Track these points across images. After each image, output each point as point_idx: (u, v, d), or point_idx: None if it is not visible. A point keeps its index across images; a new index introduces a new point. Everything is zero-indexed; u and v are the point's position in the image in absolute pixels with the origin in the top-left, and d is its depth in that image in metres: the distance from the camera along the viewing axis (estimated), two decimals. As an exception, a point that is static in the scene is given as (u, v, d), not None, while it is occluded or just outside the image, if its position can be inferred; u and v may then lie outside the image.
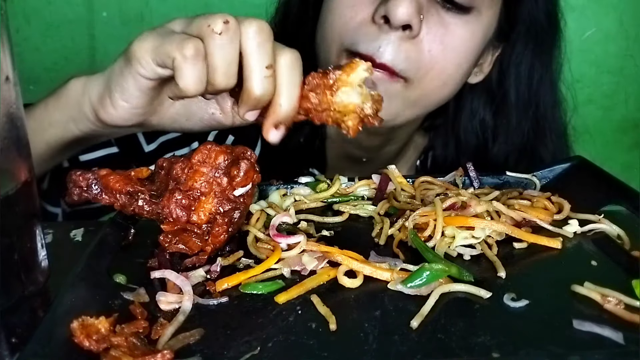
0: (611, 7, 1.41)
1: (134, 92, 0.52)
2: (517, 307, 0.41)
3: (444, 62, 0.68)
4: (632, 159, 1.52)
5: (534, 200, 0.56)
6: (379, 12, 0.65)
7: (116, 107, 0.54)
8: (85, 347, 0.35)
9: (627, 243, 0.50)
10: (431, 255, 0.46)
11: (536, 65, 0.78)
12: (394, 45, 0.65)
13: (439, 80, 0.69)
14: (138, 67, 0.49)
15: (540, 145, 0.81)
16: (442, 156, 0.85)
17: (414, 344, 0.37)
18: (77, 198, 0.49)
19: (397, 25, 0.64)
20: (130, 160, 0.79)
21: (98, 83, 0.55)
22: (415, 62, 0.67)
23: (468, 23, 0.68)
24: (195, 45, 0.44)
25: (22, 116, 0.42)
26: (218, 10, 0.46)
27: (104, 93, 0.54)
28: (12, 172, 0.42)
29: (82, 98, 0.56)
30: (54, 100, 0.58)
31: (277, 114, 0.47)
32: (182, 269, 0.46)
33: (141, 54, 0.48)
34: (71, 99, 0.57)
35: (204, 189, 0.47)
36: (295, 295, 0.42)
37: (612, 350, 0.36)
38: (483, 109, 0.81)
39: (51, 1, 1.31)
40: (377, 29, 0.66)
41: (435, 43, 0.66)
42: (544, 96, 0.80)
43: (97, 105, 0.55)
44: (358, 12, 0.67)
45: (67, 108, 0.57)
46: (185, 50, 0.44)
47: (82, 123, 0.57)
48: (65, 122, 0.58)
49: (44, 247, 0.46)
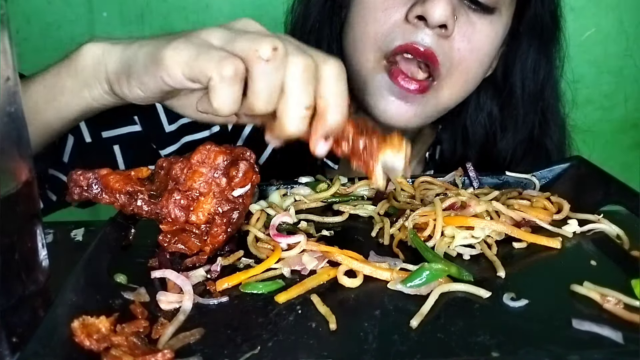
0: (611, 7, 1.41)
1: (152, 90, 0.50)
2: (516, 307, 0.41)
3: (470, 60, 0.70)
4: (631, 159, 1.52)
5: (533, 200, 0.56)
6: (414, 12, 0.66)
7: (131, 91, 0.51)
8: (86, 347, 0.35)
9: (626, 243, 0.50)
10: (431, 255, 0.46)
11: (541, 61, 0.80)
12: (433, 38, 0.66)
13: (464, 78, 0.71)
14: (165, 75, 0.46)
15: (546, 137, 0.83)
16: (450, 150, 0.86)
17: (413, 344, 0.37)
18: (77, 197, 0.49)
19: (434, 25, 0.65)
20: (150, 140, 0.79)
21: (116, 58, 0.52)
22: (449, 58, 0.68)
23: (492, 23, 0.70)
24: (236, 66, 0.42)
25: (22, 116, 0.42)
26: (219, 10, 0.46)
27: (121, 73, 0.51)
28: (13, 172, 0.42)
29: (98, 66, 0.53)
30: (67, 64, 0.56)
31: (325, 126, 0.45)
32: (182, 269, 0.46)
33: (172, 65, 0.45)
34: (87, 63, 0.54)
35: (203, 189, 0.47)
36: (295, 295, 0.42)
37: (611, 349, 0.36)
38: (490, 102, 0.82)
39: (51, 1, 1.31)
40: (413, 27, 0.67)
41: (464, 42, 0.69)
42: (548, 90, 0.82)
43: (113, 79, 0.53)
44: (392, 14, 0.68)
45: (82, 73, 0.54)
46: (225, 71, 0.42)
47: (96, 90, 0.55)
48: (79, 89, 0.55)
49: (45, 247, 0.46)
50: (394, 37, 0.67)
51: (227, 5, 1.33)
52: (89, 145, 0.75)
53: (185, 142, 0.80)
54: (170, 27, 1.33)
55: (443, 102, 0.72)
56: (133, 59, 0.50)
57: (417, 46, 0.66)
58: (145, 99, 0.52)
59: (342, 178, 0.62)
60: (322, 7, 0.79)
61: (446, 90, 0.71)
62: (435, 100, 0.71)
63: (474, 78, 0.73)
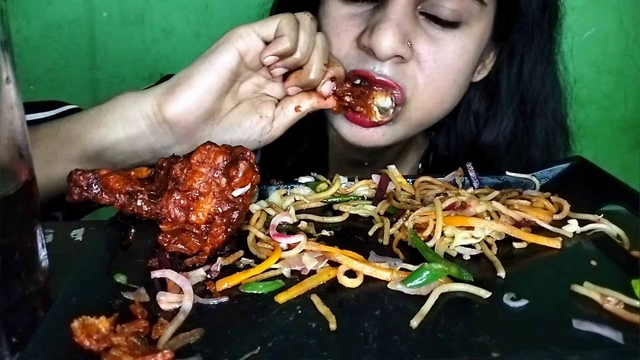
0: (611, 7, 1.41)
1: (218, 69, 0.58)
2: (516, 307, 0.41)
3: (439, 80, 0.67)
4: (632, 159, 1.52)
5: (533, 200, 0.56)
6: (362, 42, 0.65)
7: (192, 87, 0.58)
8: (86, 347, 0.35)
9: (626, 243, 0.50)
10: (431, 255, 0.46)
11: (526, 59, 0.77)
12: (388, 67, 0.65)
13: (436, 97, 0.69)
14: (239, 40, 0.58)
15: (528, 140, 0.81)
16: (443, 156, 0.85)
17: (413, 344, 0.37)
18: (77, 197, 0.49)
19: (383, 59, 0.64)
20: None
21: (166, 83, 0.60)
22: (413, 79, 0.66)
23: (457, 37, 0.67)
24: (295, 17, 0.60)
25: (22, 116, 0.42)
26: (219, 10, 0.47)
27: (177, 82, 0.59)
28: (13, 172, 0.42)
29: (141, 97, 0.59)
30: (106, 106, 0.60)
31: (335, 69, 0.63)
32: (182, 269, 0.46)
33: (245, 27, 0.59)
34: (127, 100, 0.59)
35: (203, 190, 0.47)
36: (295, 295, 0.42)
37: (611, 349, 0.36)
38: (478, 101, 0.81)
39: (51, 1, 1.31)
40: (366, 54, 0.66)
41: (429, 62, 0.66)
42: (533, 90, 0.79)
43: (165, 95, 0.58)
44: (344, 38, 0.67)
45: (120, 109, 0.59)
46: (289, 16, 0.59)
47: (134, 122, 0.59)
48: (113, 123, 0.59)
49: (45, 247, 0.46)
50: (350, 63, 0.66)
51: (227, 5, 1.33)
52: None
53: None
54: (171, 27, 1.33)
55: (415, 122, 0.70)
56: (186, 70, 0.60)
57: (371, 74, 0.65)
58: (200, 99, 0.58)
59: (342, 178, 0.62)
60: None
61: (416, 112, 0.68)
62: (406, 121, 0.69)
63: (449, 95, 0.70)
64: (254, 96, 0.64)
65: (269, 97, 0.65)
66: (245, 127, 0.63)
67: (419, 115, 0.69)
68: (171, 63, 1.33)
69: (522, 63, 0.78)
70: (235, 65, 0.59)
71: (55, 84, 1.37)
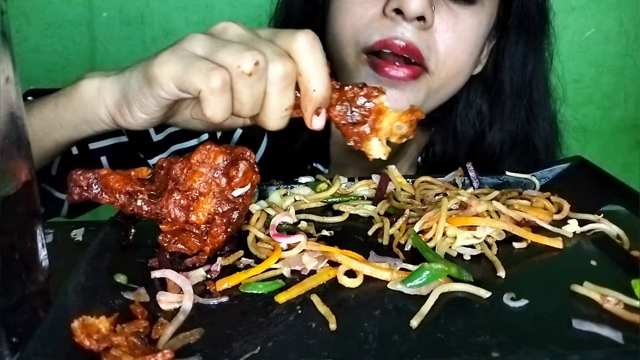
0: (611, 7, 1.41)
1: (154, 108, 0.51)
2: (516, 307, 0.41)
3: (458, 50, 0.70)
4: (632, 159, 1.52)
5: (533, 200, 0.56)
6: (391, 6, 0.66)
7: (135, 117, 0.53)
8: (86, 347, 0.35)
9: (626, 243, 0.50)
10: (431, 256, 0.46)
11: (529, 55, 0.80)
12: (413, 32, 0.66)
13: (455, 68, 0.71)
14: (160, 91, 0.48)
15: (534, 133, 0.83)
16: (442, 151, 0.85)
17: (414, 344, 0.37)
18: (77, 197, 0.49)
19: (411, 17, 0.65)
20: (138, 150, 0.80)
21: (113, 90, 0.54)
22: (435, 51, 0.68)
23: (475, 13, 0.70)
24: (223, 78, 0.44)
25: (22, 116, 0.42)
26: (219, 10, 0.46)
27: (121, 102, 0.53)
28: (13, 172, 0.42)
29: (96, 102, 0.55)
30: (64, 101, 0.57)
31: (313, 100, 0.46)
32: (182, 269, 0.46)
33: (164, 80, 0.47)
34: (85, 101, 0.56)
35: (203, 190, 0.47)
36: (295, 295, 0.42)
37: (611, 349, 0.36)
38: (480, 99, 0.82)
39: (51, 1, 1.31)
40: (391, 21, 0.66)
41: (448, 33, 0.68)
42: (536, 85, 0.82)
43: (114, 111, 0.54)
44: (369, 8, 0.68)
45: (80, 110, 0.56)
46: (212, 83, 0.44)
47: (97, 125, 0.57)
48: (78, 124, 0.57)
49: (45, 247, 0.46)
50: (373, 32, 0.67)
51: (227, 5, 1.33)
52: (76, 157, 0.76)
53: (174, 151, 0.81)
54: (171, 27, 1.33)
55: (435, 93, 0.72)
56: (127, 86, 0.52)
57: (397, 42, 0.66)
58: (150, 122, 0.54)
59: (342, 178, 0.62)
60: (304, 5, 0.80)
61: (438, 82, 0.70)
62: (428, 90, 0.70)
63: (464, 68, 0.73)
64: None
65: None
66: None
67: (440, 85, 0.71)
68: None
69: (525, 60, 0.80)
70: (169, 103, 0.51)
71: (55, 84, 1.37)
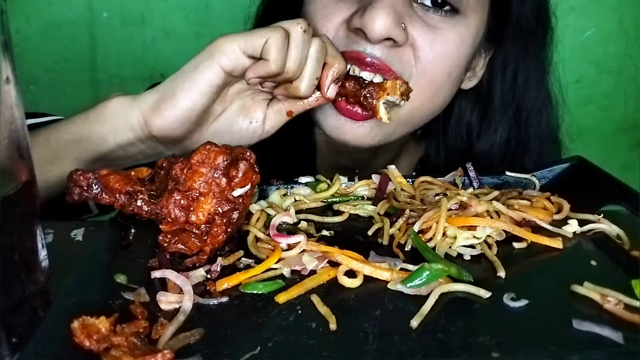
0: (611, 7, 1.41)
1: (201, 88, 0.56)
2: (516, 307, 0.41)
3: (434, 71, 0.64)
4: (632, 159, 1.52)
5: (533, 200, 0.56)
6: (353, 24, 0.61)
7: (177, 107, 0.56)
8: (86, 347, 0.35)
9: (626, 243, 0.50)
10: (431, 256, 0.46)
11: (521, 67, 0.75)
12: (382, 51, 0.61)
13: (430, 90, 0.65)
14: (223, 57, 0.55)
15: (522, 150, 0.78)
16: (436, 163, 0.82)
17: (414, 344, 0.37)
18: (77, 197, 0.49)
19: (375, 41, 0.60)
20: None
21: (152, 94, 0.58)
22: (409, 66, 0.63)
23: (456, 27, 0.64)
24: (284, 32, 0.54)
25: (22, 116, 0.42)
26: (219, 10, 0.47)
27: (162, 98, 0.57)
28: (13, 172, 0.42)
29: (129, 110, 0.57)
30: (94, 114, 0.59)
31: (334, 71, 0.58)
32: (182, 269, 0.46)
33: (229, 45, 0.55)
34: (116, 111, 0.58)
35: (203, 190, 0.47)
36: (295, 295, 0.42)
37: (611, 350, 0.36)
38: (470, 112, 0.78)
39: (51, 1, 1.31)
40: (355, 36, 0.62)
41: (425, 49, 0.62)
42: (527, 100, 0.76)
43: (150, 111, 0.57)
44: (333, 22, 0.63)
45: (111, 119, 0.58)
46: (277, 33, 0.54)
47: (123, 134, 0.58)
48: (104, 135, 0.58)
49: (45, 247, 0.46)
50: (339, 44, 0.62)
51: (227, 5, 1.33)
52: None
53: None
54: (171, 27, 1.33)
55: (404, 118, 0.66)
56: (175, 78, 0.57)
57: (361, 55, 0.61)
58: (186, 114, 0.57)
59: (342, 178, 0.62)
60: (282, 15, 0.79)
61: (406, 106, 0.62)
62: (394, 116, 0.63)
63: (443, 90, 0.66)
64: (244, 95, 0.61)
65: (261, 95, 0.62)
66: (234, 131, 0.61)
67: (409, 110, 0.65)
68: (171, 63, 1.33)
69: (516, 71, 0.75)
70: (221, 82, 0.56)
71: (55, 84, 1.37)
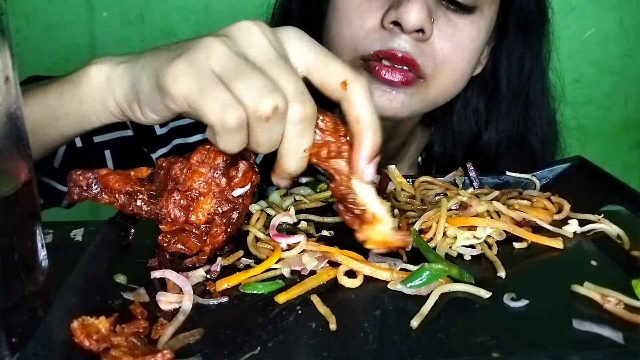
0: (611, 7, 1.41)
1: (165, 114, 0.47)
2: (517, 307, 0.41)
3: (456, 59, 0.70)
4: (632, 159, 1.52)
5: (533, 200, 0.56)
6: (389, 18, 0.66)
7: (146, 116, 0.49)
8: (86, 347, 0.35)
9: (626, 243, 0.50)
10: (433, 256, 0.46)
11: (527, 55, 0.80)
12: (411, 43, 0.67)
13: (452, 77, 0.72)
14: (171, 104, 0.44)
15: (530, 133, 0.83)
16: (441, 151, 0.86)
17: (414, 344, 0.37)
18: (77, 197, 0.49)
19: (410, 30, 0.65)
20: (142, 144, 0.80)
21: (123, 83, 0.49)
22: (432, 59, 0.69)
23: (473, 22, 0.70)
24: (238, 117, 0.41)
25: (22, 116, 0.42)
26: (219, 10, 0.46)
27: (132, 98, 0.49)
28: (12, 172, 0.42)
29: (105, 93, 0.51)
30: (70, 88, 0.53)
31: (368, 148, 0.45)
32: (182, 269, 0.46)
33: (176, 96, 0.43)
34: (93, 92, 0.51)
35: (203, 190, 0.47)
36: (295, 295, 0.42)
37: (612, 350, 0.36)
38: (476, 98, 0.83)
39: (51, 1, 1.31)
40: (389, 33, 0.67)
41: (446, 42, 0.69)
42: (534, 84, 0.82)
43: (124, 105, 0.50)
44: (367, 19, 0.68)
45: (88, 100, 0.52)
46: (227, 122, 0.41)
47: (105, 116, 0.53)
48: (85, 114, 0.53)
49: (44, 247, 0.46)
50: (371, 42, 0.68)
51: (227, 5, 1.33)
52: (80, 150, 0.75)
53: (176, 145, 0.81)
54: (170, 27, 1.33)
55: (431, 98, 0.72)
56: (138, 84, 0.48)
57: (395, 52, 0.67)
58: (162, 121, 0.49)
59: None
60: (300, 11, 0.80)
61: (434, 88, 0.71)
62: (422, 95, 0.71)
63: (462, 76, 0.74)
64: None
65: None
66: None
67: (436, 92, 0.72)
68: (171, 63, 1.33)
69: (521, 58, 0.80)
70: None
71: (55, 83, 1.37)
